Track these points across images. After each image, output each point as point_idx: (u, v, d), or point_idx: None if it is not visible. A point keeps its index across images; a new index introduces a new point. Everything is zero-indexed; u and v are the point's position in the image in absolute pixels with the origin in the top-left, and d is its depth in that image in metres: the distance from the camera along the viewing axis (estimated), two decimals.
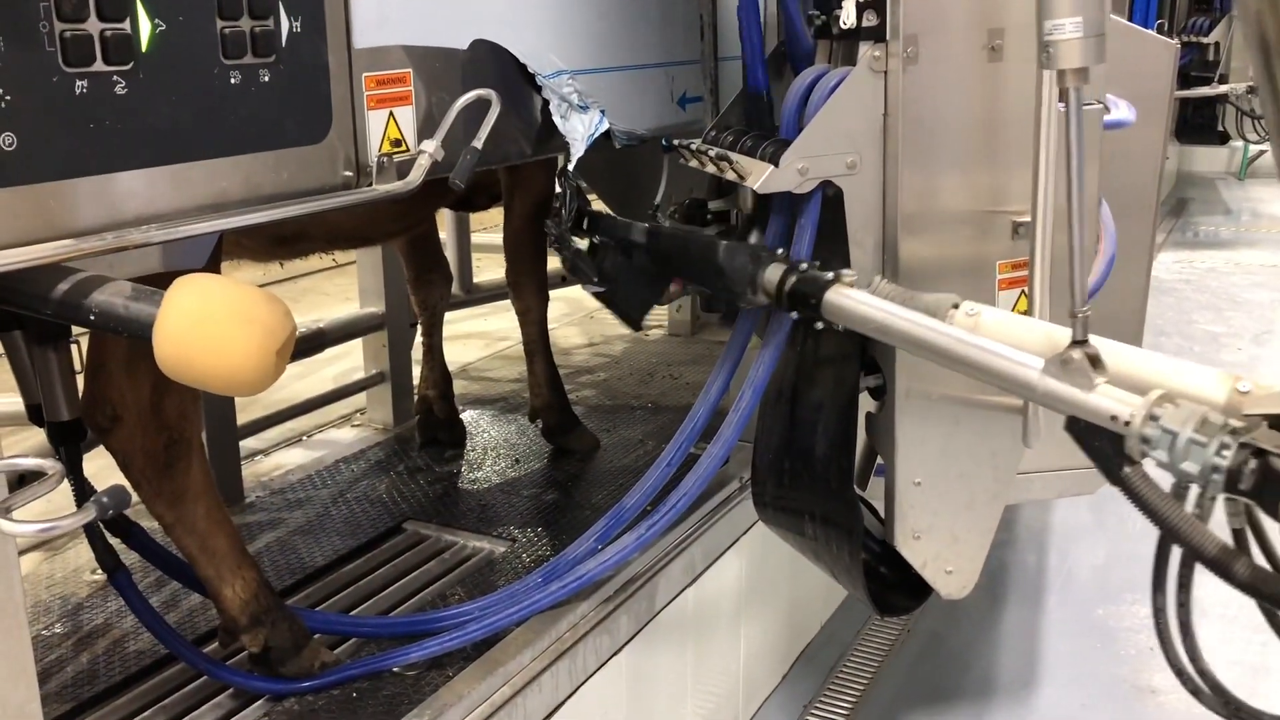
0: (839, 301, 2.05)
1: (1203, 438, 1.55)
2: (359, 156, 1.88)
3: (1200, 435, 1.56)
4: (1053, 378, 1.71)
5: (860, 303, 2.02)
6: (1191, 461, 1.56)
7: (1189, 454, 1.57)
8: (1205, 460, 1.55)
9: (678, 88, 2.72)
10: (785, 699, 3.42)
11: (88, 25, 1.42)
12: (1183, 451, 1.57)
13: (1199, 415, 1.57)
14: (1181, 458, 1.57)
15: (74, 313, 1.47)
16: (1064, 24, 1.75)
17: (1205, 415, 1.57)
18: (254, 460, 3.68)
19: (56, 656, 2.51)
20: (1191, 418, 1.57)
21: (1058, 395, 1.71)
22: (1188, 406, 1.59)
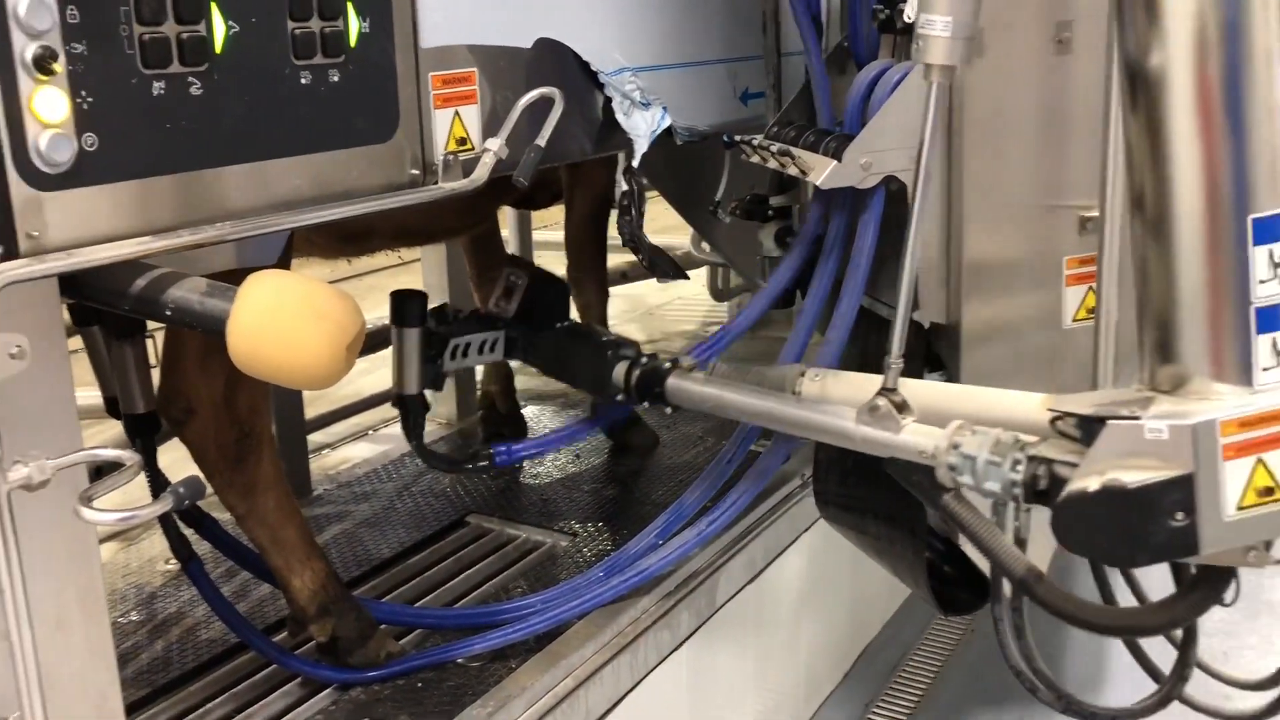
0: (680, 385, 2.28)
1: (998, 457, 1.71)
2: (425, 155, 1.90)
3: (995, 455, 1.71)
4: (865, 425, 1.91)
5: (699, 385, 2.26)
6: (992, 481, 1.72)
7: (989, 474, 1.71)
8: (1003, 478, 1.70)
9: (740, 83, 2.72)
10: (846, 698, 3.40)
11: (165, 28, 1.45)
12: (984, 473, 1.72)
13: (993, 438, 1.73)
14: (984, 479, 1.72)
15: (151, 308, 1.52)
16: (935, 20, 1.78)
17: (998, 437, 1.72)
18: (321, 454, 3.74)
19: (132, 643, 2.58)
20: (987, 441, 1.73)
21: (872, 440, 1.90)
22: (984, 432, 1.74)
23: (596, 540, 3.01)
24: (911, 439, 1.84)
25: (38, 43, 1.31)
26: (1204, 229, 1.56)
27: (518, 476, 3.47)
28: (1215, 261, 1.56)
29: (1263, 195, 1.54)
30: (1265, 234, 1.55)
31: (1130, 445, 1.55)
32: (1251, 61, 1.52)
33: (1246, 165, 1.54)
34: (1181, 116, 1.55)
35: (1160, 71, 1.55)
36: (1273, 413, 1.55)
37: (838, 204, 2.37)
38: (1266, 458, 1.55)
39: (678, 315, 5.41)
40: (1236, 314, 1.57)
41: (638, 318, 5.40)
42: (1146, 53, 1.56)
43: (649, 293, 5.64)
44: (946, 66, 1.81)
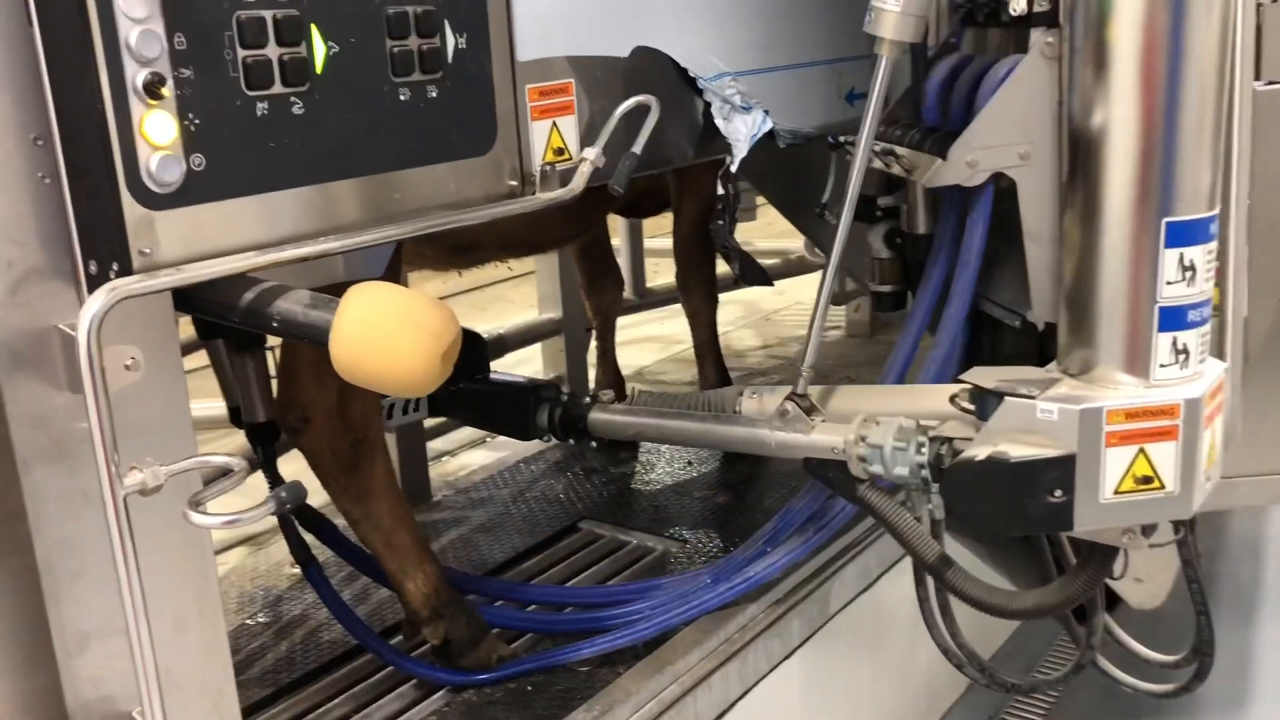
0: (601, 418, 2.41)
1: (902, 443, 1.81)
2: (523, 166, 1.93)
3: (900, 441, 1.82)
4: (778, 430, 2.02)
5: (618, 415, 2.39)
6: (900, 466, 1.82)
7: (897, 460, 1.82)
8: (910, 462, 1.80)
9: (845, 84, 2.68)
10: (968, 711, 3.31)
11: (267, 50, 1.51)
12: (891, 460, 1.83)
13: (896, 425, 1.83)
14: (892, 465, 1.83)
15: (259, 320, 1.57)
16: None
17: (900, 424, 1.83)
18: (441, 461, 3.83)
19: (259, 644, 2.68)
20: (890, 429, 1.83)
21: (786, 443, 2.01)
22: (888, 421, 1.85)
23: (707, 547, 3.00)
24: (821, 438, 1.96)
25: (148, 69, 1.38)
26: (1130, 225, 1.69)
27: (630, 483, 3.48)
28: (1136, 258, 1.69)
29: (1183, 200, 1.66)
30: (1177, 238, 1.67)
31: (1022, 422, 1.68)
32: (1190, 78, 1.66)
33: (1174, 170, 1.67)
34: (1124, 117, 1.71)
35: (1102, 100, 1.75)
36: (1161, 407, 1.66)
37: (946, 203, 2.32)
38: (1150, 449, 1.66)
39: (794, 320, 5.36)
40: (1145, 310, 1.69)
41: (753, 323, 5.37)
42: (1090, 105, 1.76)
43: (763, 298, 5.61)
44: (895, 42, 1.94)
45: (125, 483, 1.36)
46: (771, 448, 2.04)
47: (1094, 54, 1.73)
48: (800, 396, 2.00)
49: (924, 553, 1.85)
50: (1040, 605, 1.95)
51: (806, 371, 2.00)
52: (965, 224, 2.25)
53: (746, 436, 2.09)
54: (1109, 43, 1.72)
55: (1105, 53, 1.72)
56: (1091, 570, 1.85)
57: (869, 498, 1.90)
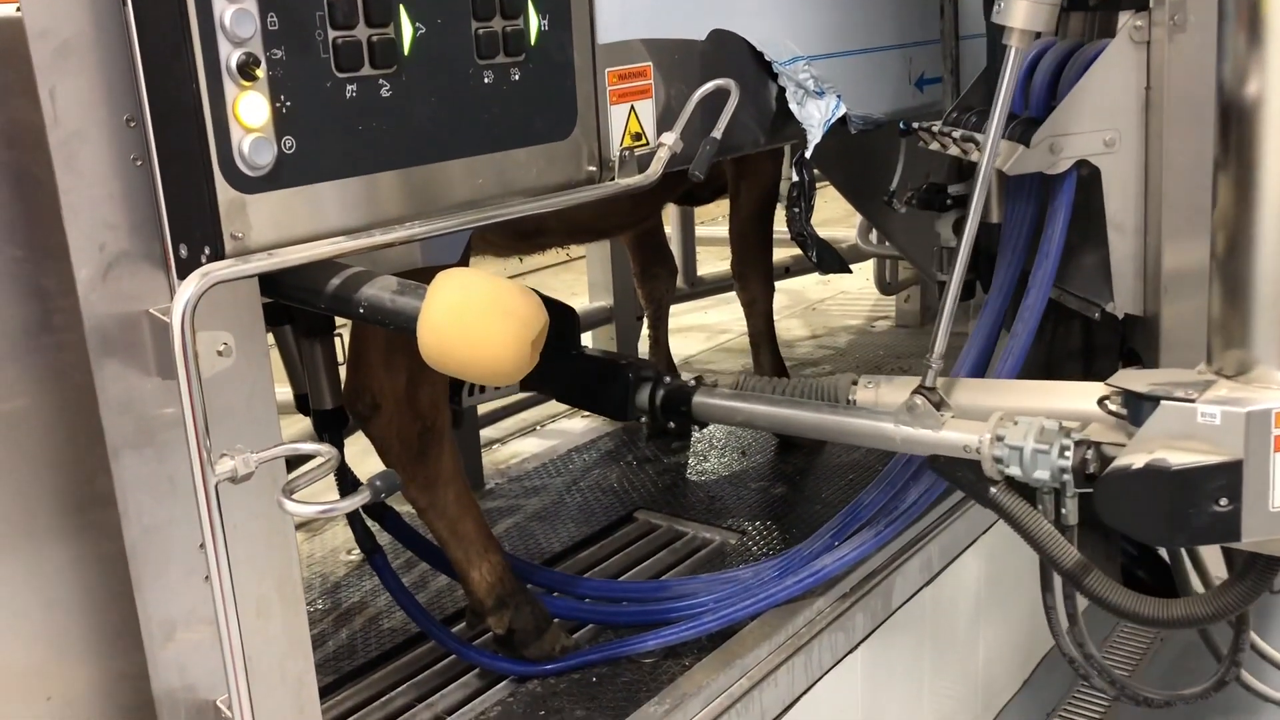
0: (706, 401, 2.25)
1: (1044, 445, 1.72)
2: (602, 151, 1.90)
3: (1041, 443, 1.73)
4: (905, 425, 1.91)
5: (725, 400, 2.22)
6: (1041, 469, 1.73)
7: (1037, 463, 1.73)
8: (1052, 465, 1.71)
9: (915, 69, 2.63)
10: (1027, 705, 3.27)
11: (356, 31, 1.48)
12: (1031, 462, 1.73)
13: (1038, 426, 1.74)
14: (1032, 468, 1.73)
15: (345, 306, 1.55)
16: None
17: (1042, 425, 1.74)
18: (492, 449, 3.81)
19: (319, 631, 2.67)
20: (1032, 430, 1.74)
21: (914, 439, 1.91)
22: (1027, 421, 1.76)
23: (765, 539, 2.97)
24: (953, 435, 1.85)
25: (241, 49, 1.36)
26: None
27: (684, 473, 3.46)
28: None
29: None
30: None
31: (1181, 427, 1.57)
32: None
33: None
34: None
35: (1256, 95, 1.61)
36: None
37: (1023, 192, 2.27)
38: None
39: (841, 310, 5.31)
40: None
41: (799, 313, 5.33)
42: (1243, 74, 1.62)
43: (809, 287, 5.55)
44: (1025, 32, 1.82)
45: (216, 470, 1.34)
46: (896, 443, 1.95)
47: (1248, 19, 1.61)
48: (929, 390, 1.90)
49: (1062, 559, 1.75)
50: (1190, 616, 1.83)
51: (935, 363, 1.90)
52: (1046, 213, 2.20)
53: (869, 430, 1.99)
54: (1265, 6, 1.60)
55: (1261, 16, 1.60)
56: (1250, 582, 1.72)
57: (1003, 501, 1.80)
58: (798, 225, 2.43)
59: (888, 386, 2.06)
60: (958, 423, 1.86)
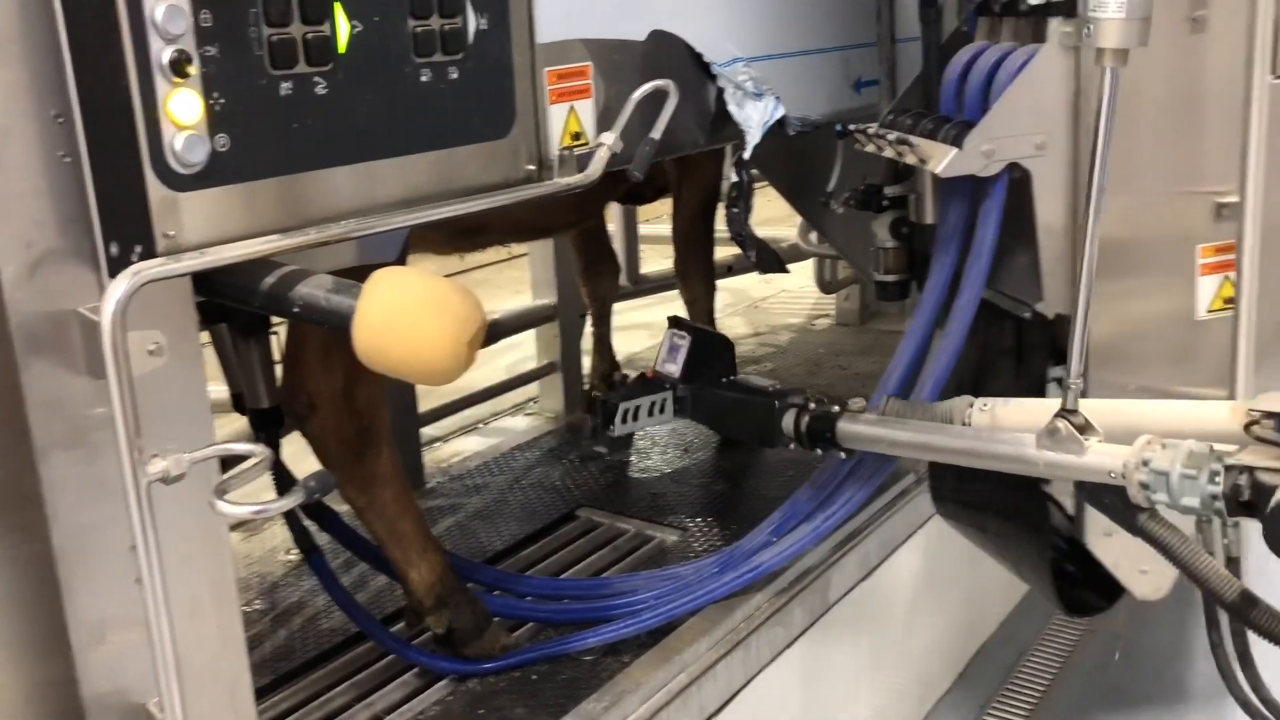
0: (851, 429, 2.25)
1: (1193, 471, 1.61)
2: (541, 150, 1.90)
3: (1190, 469, 1.61)
4: (1047, 450, 1.82)
5: (871, 426, 2.21)
6: (1189, 496, 1.62)
7: (1185, 489, 1.62)
8: (1202, 492, 1.60)
9: (853, 71, 2.67)
10: (961, 697, 3.33)
11: (291, 29, 1.47)
12: (1179, 489, 1.62)
13: (1185, 450, 1.63)
14: (1180, 495, 1.62)
15: (279, 305, 1.54)
16: (1108, 2, 1.70)
17: (1191, 449, 1.63)
18: (433, 447, 3.80)
19: (256, 632, 2.64)
20: (1179, 455, 1.63)
21: (1057, 464, 1.81)
22: (1175, 444, 1.65)
23: (706, 535, 2.99)
24: (1097, 459, 1.75)
25: (173, 47, 1.34)
26: None
27: (626, 471, 3.47)
28: None
29: None
30: None
31: None
32: None
33: None
34: None
35: None
36: None
37: (957, 194, 2.31)
38: None
39: (782, 308, 5.35)
40: None
41: (742, 311, 5.36)
42: None
43: (751, 285, 5.59)
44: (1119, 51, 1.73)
45: (148, 470, 1.32)
46: (1039, 469, 1.87)
47: None
48: (1071, 413, 1.81)
49: (1223, 591, 1.63)
50: None
51: (1075, 383, 1.83)
52: (979, 214, 2.25)
53: (1012, 454, 1.91)
54: None
55: None
56: None
57: (1153, 530, 1.69)
58: (737, 225, 2.45)
59: (1003, 409, 2.04)
60: (1102, 447, 1.77)
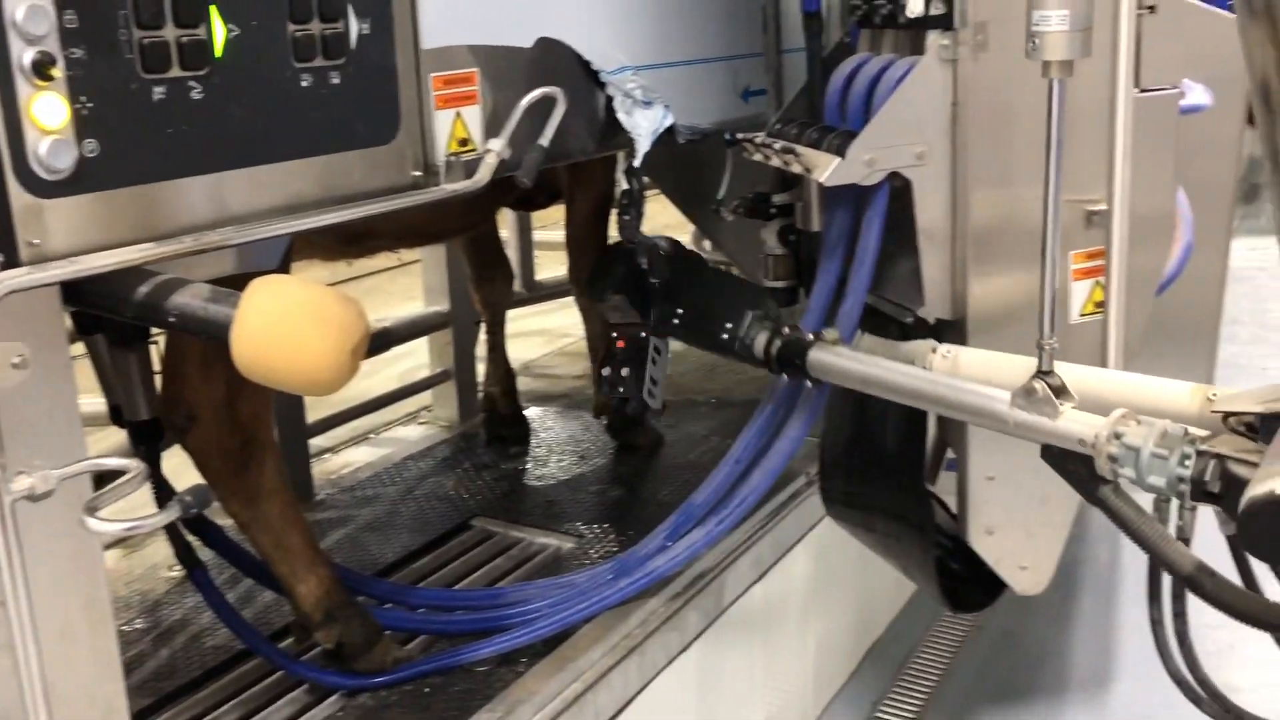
0: (823, 359, 2.19)
1: (1164, 450, 1.61)
2: (427, 156, 1.89)
3: (1161, 449, 1.61)
4: (1020, 409, 1.80)
5: (843, 359, 2.16)
6: (1157, 475, 1.62)
7: (1153, 468, 1.61)
8: (1170, 472, 1.60)
9: (741, 81, 2.70)
10: (854, 695, 3.39)
11: (164, 32, 1.44)
12: (1147, 466, 1.61)
13: (1160, 429, 1.63)
14: (1147, 472, 1.63)
15: (154, 315, 1.50)
16: (1050, 16, 1.73)
17: (1165, 429, 1.62)
18: (323, 458, 3.72)
19: (137, 651, 2.56)
20: (1152, 433, 1.63)
21: (1028, 425, 1.79)
22: (1149, 422, 1.64)
23: (602, 542, 2.99)
24: (1070, 426, 1.73)
25: (36, 48, 1.30)
26: None
27: (522, 479, 3.45)
28: None
29: None
30: None
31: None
32: None
33: None
34: None
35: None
36: None
37: (840, 202, 2.36)
38: None
39: None
40: None
41: None
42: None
43: None
44: (1065, 63, 1.74)
45: (12, 488, 1.28)
46: (1008, 426, 1.82)
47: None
48: (1048, 374, 1.77)
49: (1179, 564, 1.62)
50: None
51: (1050, 343, 1.78)
52: (861, 222, 2.30)
53: (984, 409, 1.87)
54: None
55: None
56: None
57: (1113, 503, 1.68)
58: (628, 232, 2.46)
59: (965, 358, 2.02)
60: (1076, 415, 1.74)
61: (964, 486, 2.33)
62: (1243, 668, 3.20)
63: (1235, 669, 3.33)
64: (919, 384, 2.01)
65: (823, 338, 2.21)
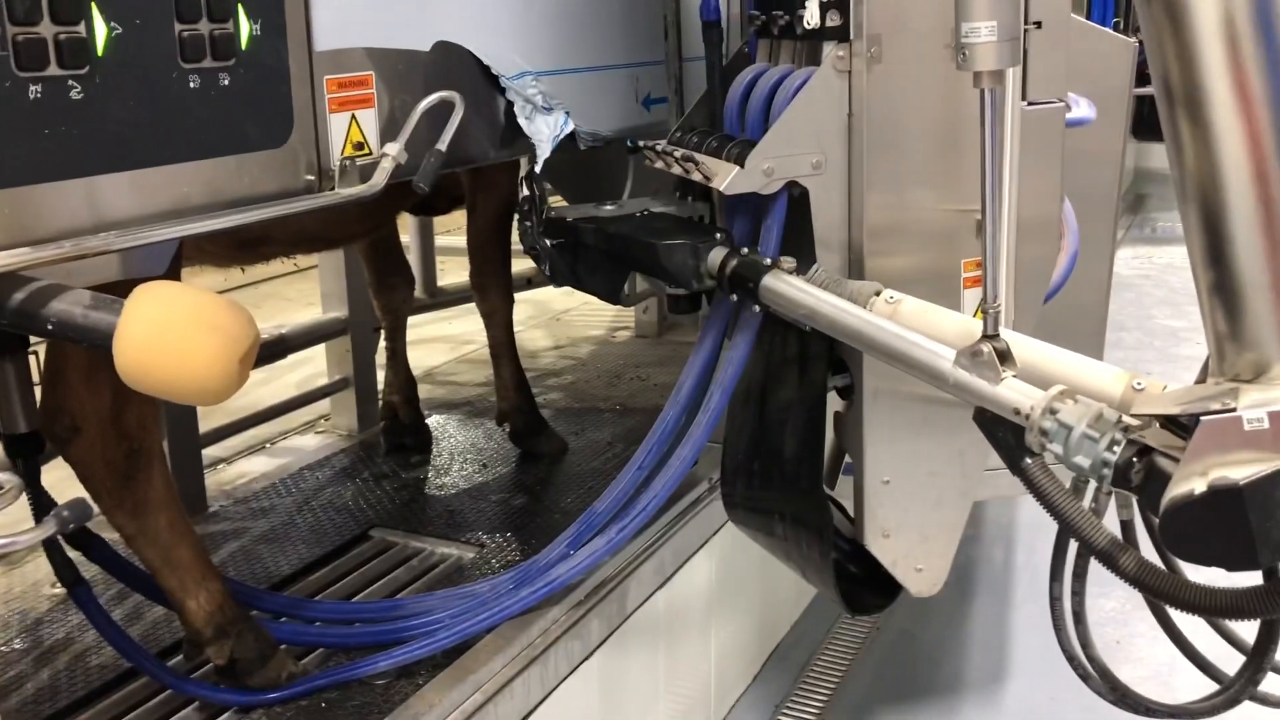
0: (775, 286, 2.15)
1: (1095, 433, 1.62)
2: (321, 160, 1.85)
3: (1093, 431, 1.62)
4: (963, 369, 1.79)
5: (794, 288, 2.12)
6: (1084, 456, 1.63)
7: (1081, 448, 1.62)
8: (1096, 455, 1.61)
9: (642, 89, 2.71)
10: (757, 699, 3.42)
11: (41, 29, 1.39)
12: (1076, 446, 1.62)
13: (1095, 411, 1.64)
14: (1075, 452, 1.63)
15: (31, 322, 1.44)
16: (979, 27, 1.76)
17: (1101, 412, 1.63)
18: (217, 469, 3.63)
19: (16, 673, 2.46)
20: (1087, 414, 1.64)
21: (967, 386, 1.79)
22: (1086, 403, 1.66)
23: (504, 551, 2.97)
24: (1008, 394, 1.72)
25: None
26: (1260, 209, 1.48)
27: (423, 488, 3.41)
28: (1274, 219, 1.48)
29: None
30: None
31: (1230, 440, 1.47)
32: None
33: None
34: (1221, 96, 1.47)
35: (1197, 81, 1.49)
36: None
37: (741, 210, 2.38)
38: None
39: (583, 320, 5.39)
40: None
41: (543, 323, 5.36)
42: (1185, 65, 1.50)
43: (554, 298, 5.60)
44: (995, 72, 1.76)
45: None
46: (947, 384, 1.81)
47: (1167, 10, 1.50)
48: (995, 338, 1.75)
49: (1094, 539, 1.64)
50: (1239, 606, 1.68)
51: (995, 307, 1.77)
52: (760, 230, 2.32)
53: (926, 363, 1.85)
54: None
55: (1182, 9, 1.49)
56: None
57: (1034, 475, 1.68)
58: (529, 239, 2.45)
59: (906, 307, 1.99)
60: (1015, 384, 1.73)
61: (860, 490, 2.36)
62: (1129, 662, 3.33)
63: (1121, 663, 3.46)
64: (865, 328, 1.98)
65: (780, 265, 2.18)
